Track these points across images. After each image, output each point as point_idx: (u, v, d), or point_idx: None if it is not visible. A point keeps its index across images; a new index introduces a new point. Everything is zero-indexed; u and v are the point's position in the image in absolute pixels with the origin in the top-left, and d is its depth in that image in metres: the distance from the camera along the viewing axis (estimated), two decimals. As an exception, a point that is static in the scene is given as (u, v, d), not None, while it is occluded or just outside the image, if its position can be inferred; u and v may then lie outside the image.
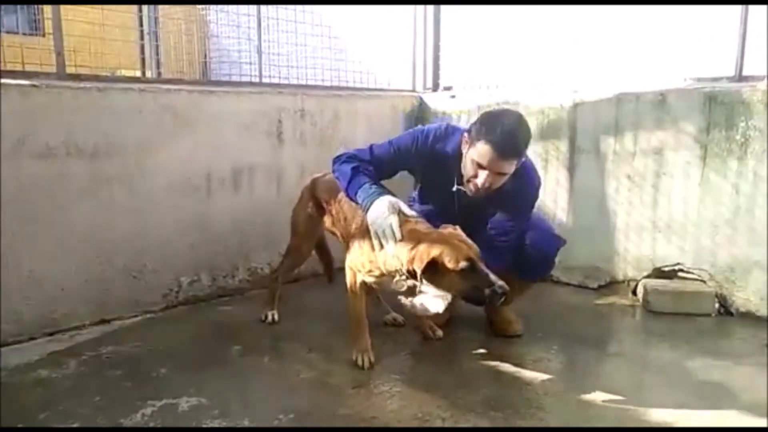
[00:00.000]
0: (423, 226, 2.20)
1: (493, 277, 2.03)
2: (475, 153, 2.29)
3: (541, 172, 2.71)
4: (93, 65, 3.33)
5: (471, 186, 2.36)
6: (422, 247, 2.06)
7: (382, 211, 2.20)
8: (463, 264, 2.02)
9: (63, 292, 2.68)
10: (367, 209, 2.25)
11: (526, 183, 2.50)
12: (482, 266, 2.05)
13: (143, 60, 4.93)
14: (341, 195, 2.53)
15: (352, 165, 2.41)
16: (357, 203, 2.34)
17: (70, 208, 2.67)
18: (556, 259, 2.67)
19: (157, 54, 5.11)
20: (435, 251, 2.04)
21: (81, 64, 3.07)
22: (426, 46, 4.34)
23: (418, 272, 2.03)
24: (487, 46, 4.03)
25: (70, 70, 2.79)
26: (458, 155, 2.44)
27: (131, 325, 2.83)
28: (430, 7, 4.27)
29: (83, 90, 2.67)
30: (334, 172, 2.50)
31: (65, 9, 2.97)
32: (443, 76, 4.35)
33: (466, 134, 2.39)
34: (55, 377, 2.27)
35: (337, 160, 2.50)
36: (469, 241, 2.13)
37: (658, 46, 3.40)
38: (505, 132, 2.25)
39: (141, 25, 4.93)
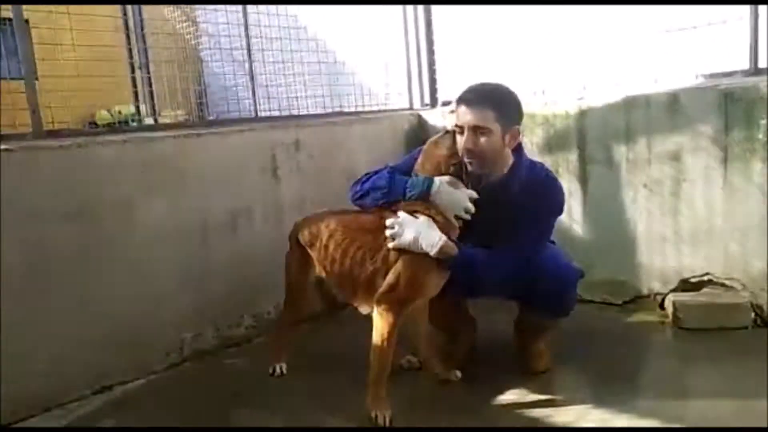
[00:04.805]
0: None
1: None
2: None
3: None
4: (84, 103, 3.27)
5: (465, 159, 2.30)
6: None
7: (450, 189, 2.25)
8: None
9: (61, 364, 2.53)
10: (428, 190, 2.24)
11: (545, 196, 2.36)
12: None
13: (135, 93, 4.79)
14: (325, 236, 2.41)
15: (382, 173, 2.42)
16: (406, 199, 2.28)
17: (59, 276, 2.52)
18: (575, 294, 2.50)
19: (150, 85, 4.95)
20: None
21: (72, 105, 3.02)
22: (420, 61, 4.18)
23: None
24: (484, 55, 3.87)
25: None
26: None
27: (134, 389, 2.67)
28: (422, 21, 4.12)
29: (62, 148, 2.53)
30: (356, 193, 2.46)
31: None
32: (441, 90, 4.19)
33: None
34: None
35: (358, 182, 2.48)
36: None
37: (664, 42, 3.22)
38: (472, 86, 2.31)
39: (131, 56, 4.77)
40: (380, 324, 2.20)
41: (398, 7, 4.13)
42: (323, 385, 2.58)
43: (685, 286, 3.03)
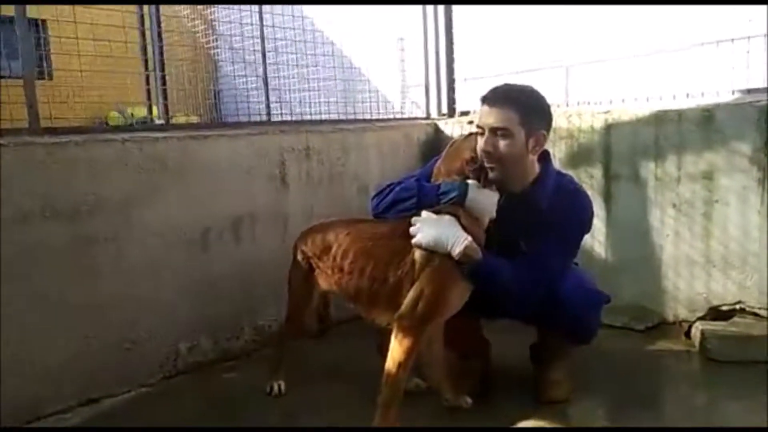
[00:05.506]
0: None
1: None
2: None
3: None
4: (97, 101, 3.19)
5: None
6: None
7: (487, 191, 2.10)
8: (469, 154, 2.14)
9: (47, 373, 2.38)
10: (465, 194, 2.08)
11: (571, 209, 2.18)
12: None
13: (148, 91, 4.67)
14: (338, 249, 2.24)
15: (407, 182, 2.26)
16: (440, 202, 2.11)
17: (49, 277, 2.39)
18: (599, 319, 2.33)
19: (164, 84, 4.84)
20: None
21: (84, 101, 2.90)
22: (439, 68, 4.03)
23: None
24: (506, 65, 3.72)
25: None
26: None
27: (123, 403, 2.51)
28: (442, 28, 3.97)
29: (58, 145, 2.40)
30: (378, 205, 2.31)
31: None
32: (459, 100, 4.04)
33: None
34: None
35: (380, 194, 2.34)
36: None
37: (699, 56, 3.06)
38: (496, 86, 2.16)
39: (145, 54, 4.66)
40: (397, 349, 2.03)
41: (418, 10, 3.97)
42: (323, 404, 2.42)
43: (715, 314, 2.84)
